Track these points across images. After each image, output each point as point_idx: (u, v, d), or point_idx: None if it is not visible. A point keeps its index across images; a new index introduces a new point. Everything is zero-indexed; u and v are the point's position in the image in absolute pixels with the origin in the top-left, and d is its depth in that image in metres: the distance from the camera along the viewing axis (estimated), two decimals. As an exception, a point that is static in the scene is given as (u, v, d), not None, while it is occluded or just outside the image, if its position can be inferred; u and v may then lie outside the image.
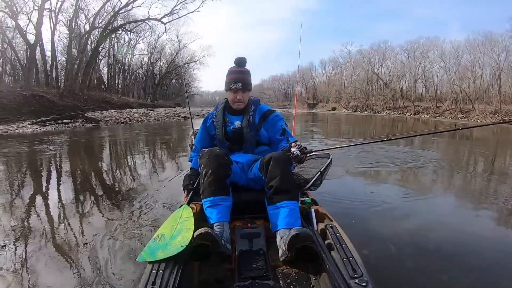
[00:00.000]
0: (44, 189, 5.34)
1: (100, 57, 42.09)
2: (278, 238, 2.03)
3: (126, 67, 51.87)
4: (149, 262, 1.76)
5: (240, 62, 2.68)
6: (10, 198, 4.65)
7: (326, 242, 1.99)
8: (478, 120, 31.43)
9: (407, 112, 42.74)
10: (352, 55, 61.19)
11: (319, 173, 2.36)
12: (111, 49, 45.42)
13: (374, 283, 1.57)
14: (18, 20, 27.10)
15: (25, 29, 28.40)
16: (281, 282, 1.79)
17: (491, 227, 3.81)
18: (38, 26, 26.80)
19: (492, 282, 2.50)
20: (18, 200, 4.61)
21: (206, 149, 2.37)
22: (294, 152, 2.27)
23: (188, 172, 2.81)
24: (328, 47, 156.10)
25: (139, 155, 8.97)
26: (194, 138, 3.08)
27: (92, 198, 4.72)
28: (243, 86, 2.58)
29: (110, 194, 4.97)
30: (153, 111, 33.27)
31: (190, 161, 2.88)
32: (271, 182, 2.19)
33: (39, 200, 4.66)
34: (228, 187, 2.30)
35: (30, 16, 29.14)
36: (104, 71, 46.60)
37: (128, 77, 53.88)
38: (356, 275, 1.61)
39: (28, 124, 17.00)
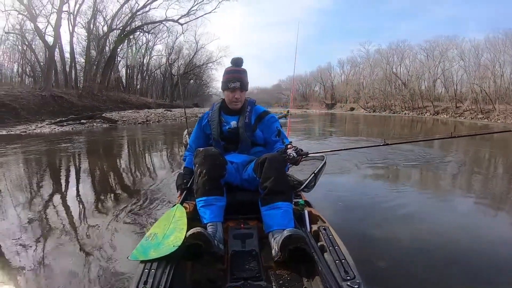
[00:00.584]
0: (65, 184, 5.67)
1: (119, 58, 42.52)
2: (271, 239, 2.03)
3: (144, 68, 52.31)
4: (141, 261, 1.75)
5: (237, 62, 2.67)
6: (29, 194, 4.95)
7: (319, 244, 1.99)
8: (498, 121, 30.80)
9: (426, 113, 42.15)
10: (370, 54, 60.99)
11: (313, 175, 2.35)
12: (129, 50, 45.89)
13: (366, 285, 1.58)
14: (37, 23, 27.55)
15: (44, 31, 28.92)
16: (273, 283, 1.79)
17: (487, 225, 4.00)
18: (57, 28, 27.14)
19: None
20: (37, 196, 4.85)
21: (201, 149, 2.37)
22: (290, 154, 2.27)
23: (182, 171, 2.81)
24: (345, 46, 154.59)
25: (155, 153, 9.13)
26: (189, 137, 3.08)
27: (110, 195, 4.91)
28: (241, 85, 2.58)
29: (127, 190, 5.24)
30: (171, 111, 33.44)
31: (184, 160, 2.86)
32: (265, 183, 2.18)
33: (59, 192, 5.03)
34: (222, 187, 2.29)
35: (49, 18, 29.74)
36: (123, 72, 47.13)
37: (147, 78, 54.36)
38: (348, 277, 1.61)
39: (47, 124, 17.25)
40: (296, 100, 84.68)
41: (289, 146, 2.37)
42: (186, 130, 4.10)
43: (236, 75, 2.60)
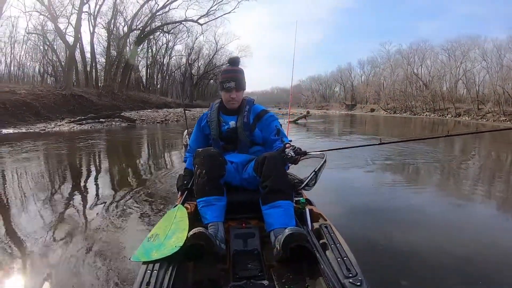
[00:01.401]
0: (79, 180, 5.88)
1: (139, 58, 42.97)
2: (272, 238, 2.01)
3: (165, 68, 52.75)
4: (143, 262, 1.74)
5: (234, 62, 2.67)
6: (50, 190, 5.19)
7: (321, 241, 1.96)
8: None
9: (447, 114, 41.09)
10: (391, 55, 60.00)
11: (314, 173, 2.32)
12: (150, 50, 46.34)
13: (368, 282, 1.55)
14: (58, 23, 28.12)
15: (65, 32, 29.48)
16: (275, 282, 1.79)
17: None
18: (77, 29, 27.70)
19: None
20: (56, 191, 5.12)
21: (201, 149, 2.38)
22: (289, 153, 2.25)
23: (182, 172, 2.79)
24: (365, 47, 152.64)
25: (170, 151, 9.11)
26: (189, 138, 3.07)
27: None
28: (236, 85, 2.55)
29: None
30: (190, 110, 33.54)
31: (185, 161, 2.85)
32: (265, 182, 2.16)
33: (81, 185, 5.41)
34: (223, 187, 2.28)
35: (70, 19, 30.33)
36: (144, 72, 47.59)
37: (167, 78, 54.81)
38: (350, 275, 1.59)
39: (66, 122, 17.53)
40: (316, 101, 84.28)
41: (287, 145, 2.34)
42: (186, 130, 4.08)
43: (231, 75, 2.57)
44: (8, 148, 9.19)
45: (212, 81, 64.90)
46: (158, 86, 52.50)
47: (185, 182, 2.60)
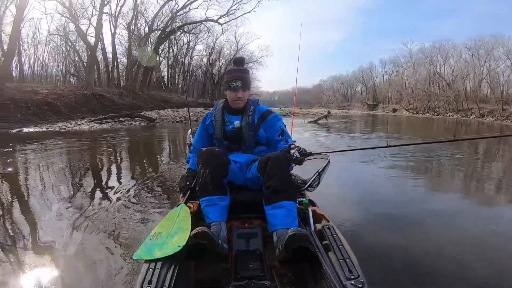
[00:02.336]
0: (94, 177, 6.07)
1: (160, 58, 43.34)
2: (275, 238, 2.01)
3: (186, 68, 53.14)
4: (146, 261, 1.75)
5: (239, 61, 2.67)
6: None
7: (323, 242, 1.96)
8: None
9: (471, 115, 40.14)
10: (413, 54, 59.11)
11: (317, 174, 2.35)
12: (171, 50, 46.73)
13: (370, 284, 1.56)
14: (80, 25, 28.70)
15: (86, 32, 30.06)
16: (277, 283, 1.80)
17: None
18: (98, 29, 28.17)
19: None
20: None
21: (205, 148, 2.37)
22: (294, 155, 2.25)
23: (185, 173, 2.78)
24: (387, 46, 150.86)
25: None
26: (193, 137, 3.09)
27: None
28: (243, 85, 2.57)
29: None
30: (209, 110, 33.60)
31: (188, 162, 2.85)
32: (269, 182, 2.16)
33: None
34: (226, 187, 2.28)
35: (91, 20, 31.07)
36: (165, 71, 48.02)
37: (188, 77, 55.19)
38: (352, 276, 1.59)
39: (86, 121, 17.72)
40: (338, 100, 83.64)
41: (292, 146, 2.35)
42: (190, 129, 4.10)
43: (237, 74, 2.59)
44: (26, 146, 9.36)
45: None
46: (180, 85, 52.90)
47: (187, 183, 2.58)
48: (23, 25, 28.28)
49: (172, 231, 2.00)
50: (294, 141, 2.54)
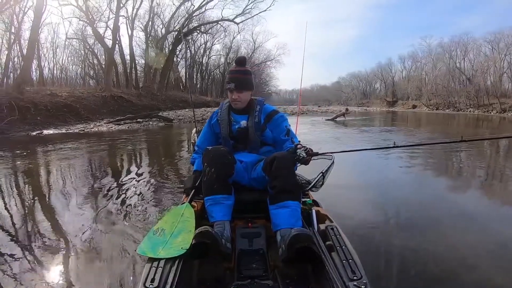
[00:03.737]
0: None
1: (178, 59, 43.66)
2: (278, 238, 2.02)
3: (204, 68, 53.38)
4: (149, 259, 1.76)
5: (238, 62, 2.65)
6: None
7: (326, 243, 1.95)
8: None
9: (492, 110, 39.05)
10: (432, 48, 57.99)
11: (321, 174, 2.31)
12: (188, 51, 47.02)
13: (372, 285, 1.56)
14: (97, 28, 29.33)
15: (103, 35, 30.54)
16: (280, 282, 1.82)
17: None
18: (114, 32, 28.63)
19: None
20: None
21: (210, 148, 2.38)
22: (300, 154, 2.26)
23: (191, 174, 2.75)
24: (405, 42, 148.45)
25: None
26: (197, 136, 3.10)
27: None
28: (236, 86, 2.54)
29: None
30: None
31: (192, 163, 2.83)
32: (274, 181, 2.17)
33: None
34: (231, 186, 2.29)
35: (108, 23, 31.53)
36: (183, 72, 48.43)
37: (206, 77, 55.48)
38: (355, 277, 1.59)
39: (104, 123, 17.93)
40: (357, 98, 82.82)
41: (298, 146, 2.35)
42: (195, 128, 4.08)
43: (231, 75, 2.58)
44: (46, 147, 9.58)
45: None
46: (198, 85, 53.14)
47: (195, 184, 2.54)
48: (41, 30, 28.87)
49: (175, 230, 2.01)
50: (300, 141, 2.53)
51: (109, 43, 29.01)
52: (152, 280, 1.57)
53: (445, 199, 4.75)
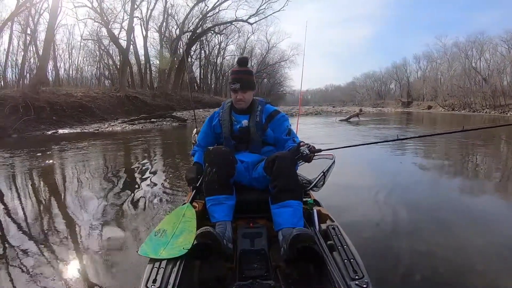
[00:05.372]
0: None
1: (192, 59, 43.84)
2: (280, 237, 2.02)
3: (218, 68, 53.62)
4: (150, 259, 1.77)
5: (241, 62, 2.68)
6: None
7: (328, 243, 1.97)
8: None
9: (508, 111, 38.05)
10: (447, 48, 57.01)
11: (322, 174, 2.36)
12: (202, 51, 47.22)
13: (374, 285, 1.57)
14: (112, 29, 29.67)
15: (118, 36, 30.83)
16: (281, 282, 1.81)
17: None
18: (129, 33, 28.91)
19: None
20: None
21: (211, 147, 2.39)
22: (304, 151, 2.25)
23: (192, 165, 2.78)
24: (421, 41, 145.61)
25: None
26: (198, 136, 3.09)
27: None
28: (241, 86, 2.56)
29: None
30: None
31: (193, 155, 2.86)
32: (275, 181, 2.17)
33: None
34: (232, 186, 2.30)
35: (122, 24, 31.94)
36: (197, 72, 48.59)
37: (220, 77, 55.67)
38: (357, 277, 1.60)
39: (119, 122, 18.09)
40: (371, 98, 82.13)
41: (301, 144, 2.34)
42: (195, 129, 4.17)
43: (236, 75, 2.59)
44: (60, 146, 9.70)
45: (265, 80, 65.17)
46: (212, 86, 53.34)
47: (198, 176, 2.55)
48: (57, 31, 29.31)
49: (177, 231, 2.02)
50: (301, 141, 2.49)
51: (123, 44, 29.27)
52: (154, 281, 1.58)
53: (457, 199, 4.65)
